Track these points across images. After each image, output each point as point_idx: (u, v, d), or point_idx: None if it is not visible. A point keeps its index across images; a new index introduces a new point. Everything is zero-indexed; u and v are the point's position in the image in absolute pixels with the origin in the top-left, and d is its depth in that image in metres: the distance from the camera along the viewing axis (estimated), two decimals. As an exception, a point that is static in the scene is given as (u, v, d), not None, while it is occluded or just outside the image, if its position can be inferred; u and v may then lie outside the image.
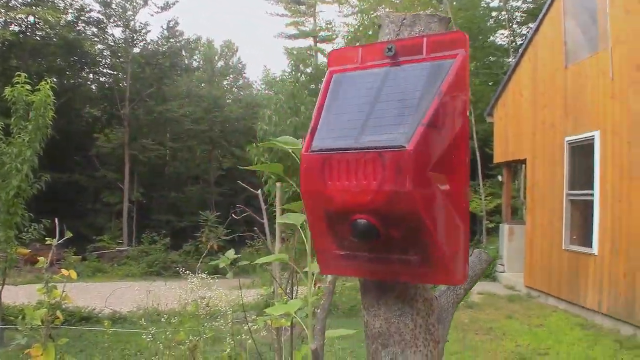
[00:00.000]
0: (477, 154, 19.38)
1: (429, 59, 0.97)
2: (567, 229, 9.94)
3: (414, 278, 0.99)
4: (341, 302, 9.45)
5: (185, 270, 5.84)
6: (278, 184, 3.96)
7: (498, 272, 13.02)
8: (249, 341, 4.00)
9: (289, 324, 3.12)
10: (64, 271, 3.81)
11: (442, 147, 0.92)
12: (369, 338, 1.13)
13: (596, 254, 8.82)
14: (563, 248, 9.97)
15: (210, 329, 4.31)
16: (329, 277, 2.09)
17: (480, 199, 18.89)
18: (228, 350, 3.72)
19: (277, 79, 18.83)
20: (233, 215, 3.87)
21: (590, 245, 9.08)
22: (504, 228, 13.13)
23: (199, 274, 5.65)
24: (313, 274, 2.42)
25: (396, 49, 1.00)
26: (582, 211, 9.67)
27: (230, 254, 3.42)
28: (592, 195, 9.03)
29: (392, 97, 0.95)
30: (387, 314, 1.08)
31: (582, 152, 9.65)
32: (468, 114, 0.98)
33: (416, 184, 0.87)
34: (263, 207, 3.77)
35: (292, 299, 3.36)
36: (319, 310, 2.02)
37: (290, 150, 2.40)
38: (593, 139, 9.06)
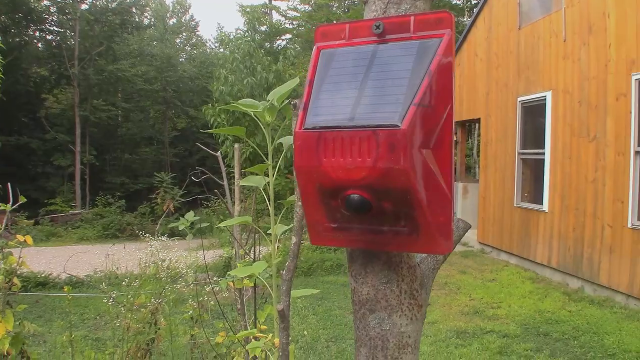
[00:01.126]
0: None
1: (416, 37, 1.00)
2: (518, 186, 10.23)
3: (403, 247, 1.04)
4: (299, 261, 9.55)
5: (143, 233, 5.78)
6: (236, 146, 3.95)
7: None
8: (212, 302, 4.04)
9: (251, 284, 3.15)
10: (19, 237, 3.74)
11: (431, 124, 0.95)
12: (356, 304, 1.18)
13: (546, 210, 9.13)
14: (515, 205, 10.27)
15: (172, 291, 4.32)
16: (293, 239, 2.11)
17: (435, 158, 19.12)
18: (190, 312, 3.74)
19: (232, 37, 18.53)
20: (192, 177, 3.85)
21: (540, 202, 9.38)
22: (458, 186, 13.40)
23: (158, 236, 5.62)
24: (277, 236, 2.46)
25: (384, 26, 1.02)
26: (534, 169, 9.95)
27: (190, 216, 3.42)
28: (543, 153, 9.29)
29: (382, 76, 0.98)
30: (374, 281, 1.13)
31: (534, 112, 9.87)
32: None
33: (409, 160, 0.90)
34: (223, 169, 3.76)
35: (254, 259, 3.40)
36: (284, 272, 2.05)
37: (252, 113, 2.41)
38: (545, 98, 9.27)
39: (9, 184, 4.00)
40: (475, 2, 19.61)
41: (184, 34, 38.05)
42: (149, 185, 21.64)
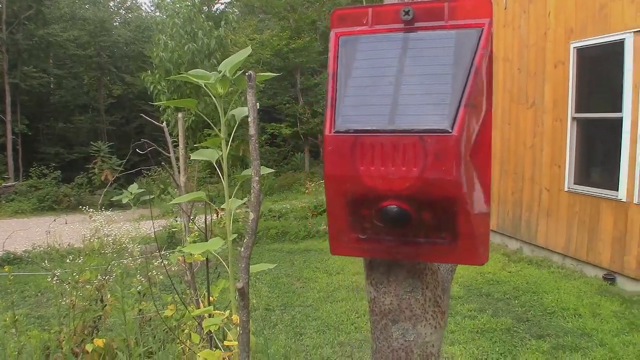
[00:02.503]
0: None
1: (451, 26, 0.90)
2: (459, 152, 10.42)
3: (440, 258, 0.95)
4: (244, 229, 9.50)
5: (87, 208, 5.59)
6: (180, 115, 3.84)
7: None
8: (160, 277, 3.98)
9: (203, 258, 3.11)
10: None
11: (478, 127, 0.87)
12: (376, 314, 1.10)
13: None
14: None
15: (119, 266, 4.22)
16: (252, 216, 2.08)
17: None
18: (139, 287, 3.67)
19: (169, 0, 17.92)
20: (138, 150, 3.74)
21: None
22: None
23: (101, 209, 5.45)
24: (231, 210, 2.42)
25: (414, 12, 0.91)
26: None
27: (134, 188, 3.32)
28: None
29: (420, 70, 0.87)
30: (397, 290, 1.05)
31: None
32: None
33: (461, 170, 0.82)
34: (169, 140, 3.66)
35: (206, 234, 3.35)
36: (242, 249, 2.01)
37: (203, 85, 2.33)
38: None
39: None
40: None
41: (118, -4, 36.57)
42: (86, 155, 20.91)
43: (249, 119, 2.11)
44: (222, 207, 2.53)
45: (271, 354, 4.54)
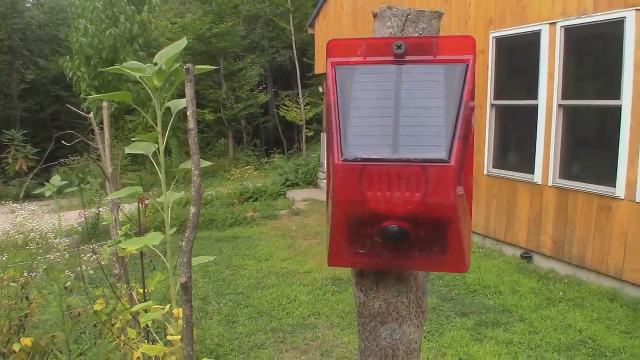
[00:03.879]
0: (296, 63, 19.65)
1: (438, 60, 0.99)
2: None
3: (431, 268, 1.05)
4: (170, 218, 9.33)
5: (8, 202, 5.32)
6: (105, 103, 3.74)
7: (320, 179, 13.68)
8: (90, 271, 3.88)
9: (135, 251, 3.06)
10: None
11: (465, 154, 0.97)
12: (365, 317, 1.19)
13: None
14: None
15: (45, 261, 4.07)
16: (193, 210, 2.07)
17: (300, 108, 19.34)
18: (69, 283, 3.56)
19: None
20: (63, 142, 3.61)
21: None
22: (324, 137, 13.70)
23: (25, 203, 5.22)
24: (169, 204, 2.40)
25: (406, 47, 1.00)
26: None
27: (56, 180, 3.23)
28: (406, 105, 9.71)
29: (415, 103, 0.96)
30: (386, 295, 1.16)
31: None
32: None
33: (456, 195, 0.92)
34: (96, 130, 3.56)
35: (139, 228, 3.29)
36: (183, 243, 2.01)
37: (138, 77, 2.29)
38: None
39: None
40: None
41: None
42: (-2, 144, 19.88)
43: (188, 112, 2.10)
44: (158, 199, 2.51)
45: (207, 344, 4.54)
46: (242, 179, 13.92)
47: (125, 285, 3.45)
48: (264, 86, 22.74)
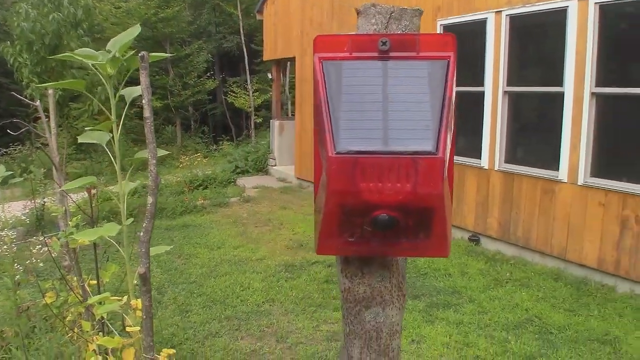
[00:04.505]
0: (244, 49, 19.46)
1: (421, 57, 1.03)
2: (333, 123, 10.68)
3: (416, 254, 1.11)
4: (119, 208, 9.15)
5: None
6: (50, 91, 3.64)
7: (270, 166, 13.65)
8: (41, 264, 3.76)
9: (87, 242, 2.99)
10: None
11: (450, 146, 1.02)
12: (350, 302, 1.24)
13: (359, 145, 9.70)
14: (330, 141, 10.74)
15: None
16: (151, 200, 2.05)
17: (248, 95, 19.19)
18: (18, 276, 3.46)
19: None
20: (9, 131, 3.49)
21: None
22: (275, 124, 13.65)
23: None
24: (125, 194, 2.36)
25: (390, 43, 1.04)
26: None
27: (1, 170, 3.13)
28: (355, 92, 9.77)
29: (401, 98, 1.00)
30: (370, 280, 1.21)
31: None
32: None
33: (444, 184, 0.97)
34: (44, 118, 3.45)
35: (92, 218, 3.21)
36: (141, 234, 1.98)
37: (90, 64, 2.23)
38: (357, 39, 9.68)
39: None
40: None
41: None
42: None
43: (144, 101, 2.08)
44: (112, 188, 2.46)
45: (163, 334, 4.49)
46: (192, 166, 13.74)
47: (76, 278, 3.38)
48: (212, 72, 22.44)
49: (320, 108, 1.02)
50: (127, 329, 2.30)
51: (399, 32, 1.14)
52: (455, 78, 1.04)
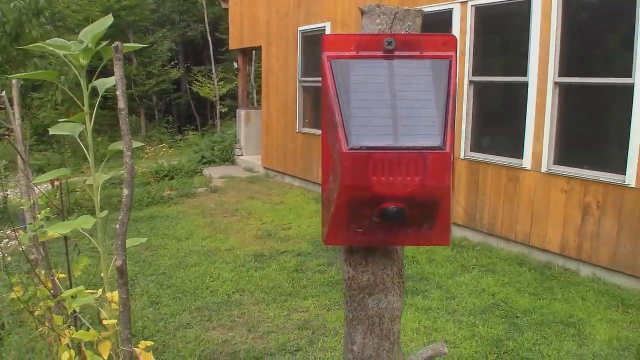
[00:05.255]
0: (209, 38, 19.27)
1: (424, 56, 1.08)
2: (300, 113, 10.72)
3: (420, 242, 1.16)
4: (84, 200, 9.03)
5: None
6: (14, 81, 3.57)
7: (236, 156, 13.59)
8: (9, 258, 3.70)
9: (56, 235, 2.95)
10: None
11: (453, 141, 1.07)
12: (353, 290, 1.29)
13: (327, 135, 9.73)
14: (297, 131, 10.77)
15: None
16: (126, 192, 2.04)
17: (213, 84, 19.03)
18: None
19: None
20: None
21: (319, 127, 9.94)
22: (241, 113, 13.58)
23: None
24: (98, 186, 2.33)
25: (396, 43, 1.08)
26: (314, 97, 10.47)
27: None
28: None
29: (408, 95, 1.05)
30: (374, 269, 1.27)
31: (314, 41, 10.27)
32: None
33: (450, 177, 1.03)
34: (10, 110, 3.38)
35: (63, 211, 3.16)
36: (117, 226, 1.98)
37: (62, 54, 2.20)
38: (324, 29, 9.68)
39: None
40: None
41: None
42: None
43: (118, 92, 2.07)
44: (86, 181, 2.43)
45: (136, 326, 4.46)
46: (157, 157, 13.60)
47: (44, 272, 3.33)
48: (176, 61, 22.16)
49: (331, 105, 1.06)
50: (104, 321, 2.28)
51: (402, 32, 1.17)
52: (456, 76, 1.08)
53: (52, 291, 3.10)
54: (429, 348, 1.35)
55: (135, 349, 2.13)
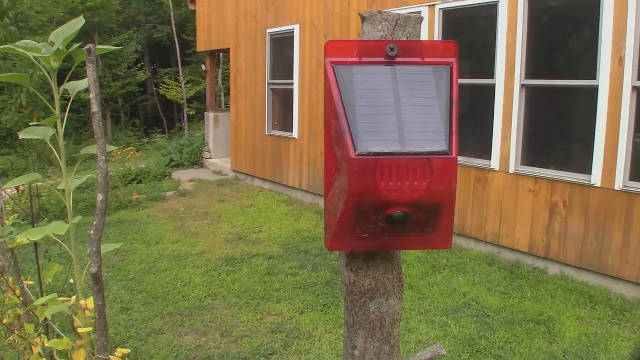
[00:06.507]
0: (176, 40, 19.10)
1: (426, 62, 1.10)
2: (269, 116, 10.70)
3: (423, 246, 1.18)
4: (50, 205, 8.87)
5: None
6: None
7: (205, 159, 13.49)
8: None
9: (26, 241, 2.89)
10: None
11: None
12: (355, 294, 1.30)
13: (296, 137, 9.76)
14: (266, 133, 10.75)
15: None
16: (101, 197, 2.00)
17: (181, 87, 18.87)
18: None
19: None
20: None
21: (290, 129, 9.97)
22: (209, 116, 13.49)
23: None
24: (70, 191, 2.29)
25: (398, 49, 1.10)
26: (283, 99, 10.47)
27: None
28: (292, 84, 9.80)
29: (412, 101, 1.07)
30: (375, 273, 1.28)
31: (283, 44, 10.27)
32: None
33: (455, 182, 1.06)
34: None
35: (32, 216, 3.10)
36: (92, 232, 1.94)
37: (32, 57, 2.16)
38: (293, 31, 9.69)
39: None
40: None
41: None
42: None
43: (91, 95, 2.04)
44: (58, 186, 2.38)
45: (109, 333, 4.38)
46: (124, 160, 13.40)
47: (11, 279, 3.25)
48: (142, 63, 21.89)
49: (337, 111, 1.07)
50: (78, 329, 2.24)
51: (403, 39, 1.18)
52: (457, 82, 1.11)
53: (21, 299, 3.03)
54: (427, 350, 1.35)
55: (111, 357, 2.09)
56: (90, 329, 2.19)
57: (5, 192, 3.45)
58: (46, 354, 2.57)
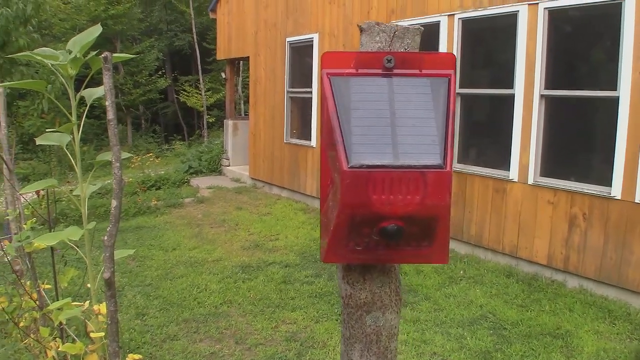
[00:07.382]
0: (196, 48, 19.26)
1: (423, 74, 1.09)
2: (288, 124, 10.72)
3: (419, 260, 1.16)
4: (70, 209, 8.96)
5: None
6: (0, 90, 3.54)
7: (224, 167, 13.55)
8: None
9: (43, 246, 2.92)
10: None
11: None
12: (351, 307, 1.29)
13: (314, 146, 9.76)
14: (285, 142, 10.77)
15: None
16: (115, 203, 2.02)
17: (201, 94, 19.00)
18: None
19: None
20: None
21: (309, 138, 9.97)
22: (228, 124, 13.56)
23: None
24: (86, 197, 2.31)
25: (395, 60, 1.09)
26: (302, 107, 10.49)
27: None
28: (310, 92, 9.82)
29: (408, 114, 1.06)
30: (371, 286, 1.27)
31: (302, 53, 10.30)
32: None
33: (450, 196, 1.04)
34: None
35: (50, 221, 3.13)
36: (106, 238, 1.95)
37: (50, 65, 2.19)
38: (312, 40, 9.72)
39: None
40: None
41: None
42: None
43: (107, 102, 2.05)
44: (74, 192, 2.41)
45: (123, 339, 4.41)
46: (144, 166, 13.50)
47: (29, 282, 3.29)
48: (163, 71, 22.10)
49: (332, 122, 1.06)
50: (91, 334, 2.25)
51: (401, 50, 1.17)
52: (455, 95, 1.10)
53: (37, 303, 3.06)
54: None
55: (123, 362, 2.10)
56: (103, 334, 2.20)
57: (24, 198, 3.50)
58: (60, 358, 2.59)
